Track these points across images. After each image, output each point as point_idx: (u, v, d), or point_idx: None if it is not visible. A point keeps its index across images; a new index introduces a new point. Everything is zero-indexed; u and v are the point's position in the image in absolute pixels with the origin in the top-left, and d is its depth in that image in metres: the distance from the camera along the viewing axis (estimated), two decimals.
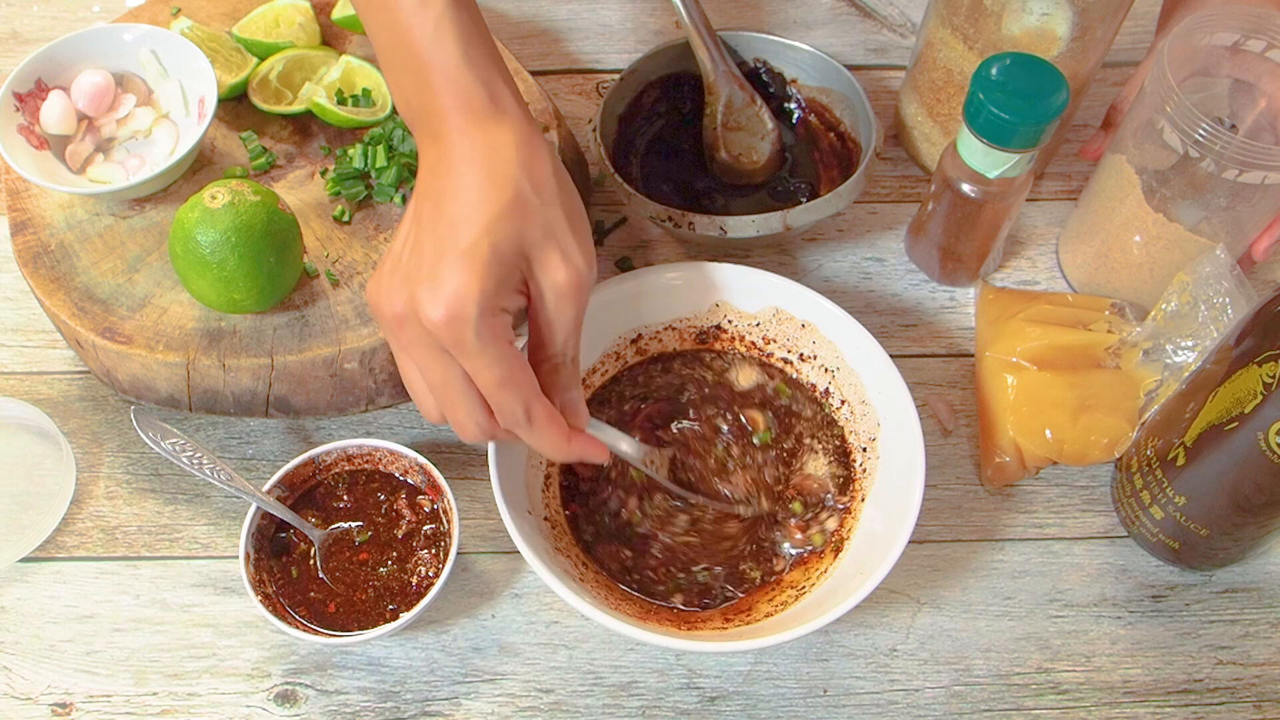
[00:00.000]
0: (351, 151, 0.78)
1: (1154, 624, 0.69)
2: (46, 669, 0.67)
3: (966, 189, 0.73)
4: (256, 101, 0.81)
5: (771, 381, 0.74)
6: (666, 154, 0.86)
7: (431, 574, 0.67)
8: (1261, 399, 0.58)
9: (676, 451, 0.71)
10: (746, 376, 0.74)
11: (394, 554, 0.68)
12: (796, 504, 0.70)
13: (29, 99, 0.76)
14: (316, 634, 0.65)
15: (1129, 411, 0.72)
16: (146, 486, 0.73)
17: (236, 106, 0.82)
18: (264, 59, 0.82)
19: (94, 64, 0.79)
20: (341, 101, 0.80)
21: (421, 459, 0.68)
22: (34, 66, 0.76)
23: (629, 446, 0.67)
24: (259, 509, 0.66)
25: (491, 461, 0.64)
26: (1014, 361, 0.73)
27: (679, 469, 0.71)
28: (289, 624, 0.64)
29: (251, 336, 0.71)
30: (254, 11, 0.83)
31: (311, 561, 0.68)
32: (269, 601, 0.65)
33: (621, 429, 0.70)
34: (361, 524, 0.69)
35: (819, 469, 0.71)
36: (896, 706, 0.66)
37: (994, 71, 0.68)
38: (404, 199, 0.77)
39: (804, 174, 0.85)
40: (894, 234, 0.84)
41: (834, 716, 0.66)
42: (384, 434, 0.75)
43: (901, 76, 0.90)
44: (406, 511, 0.69)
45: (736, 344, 0.75)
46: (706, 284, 0.73)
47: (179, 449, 0.66)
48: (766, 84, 0.86)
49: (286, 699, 0.66)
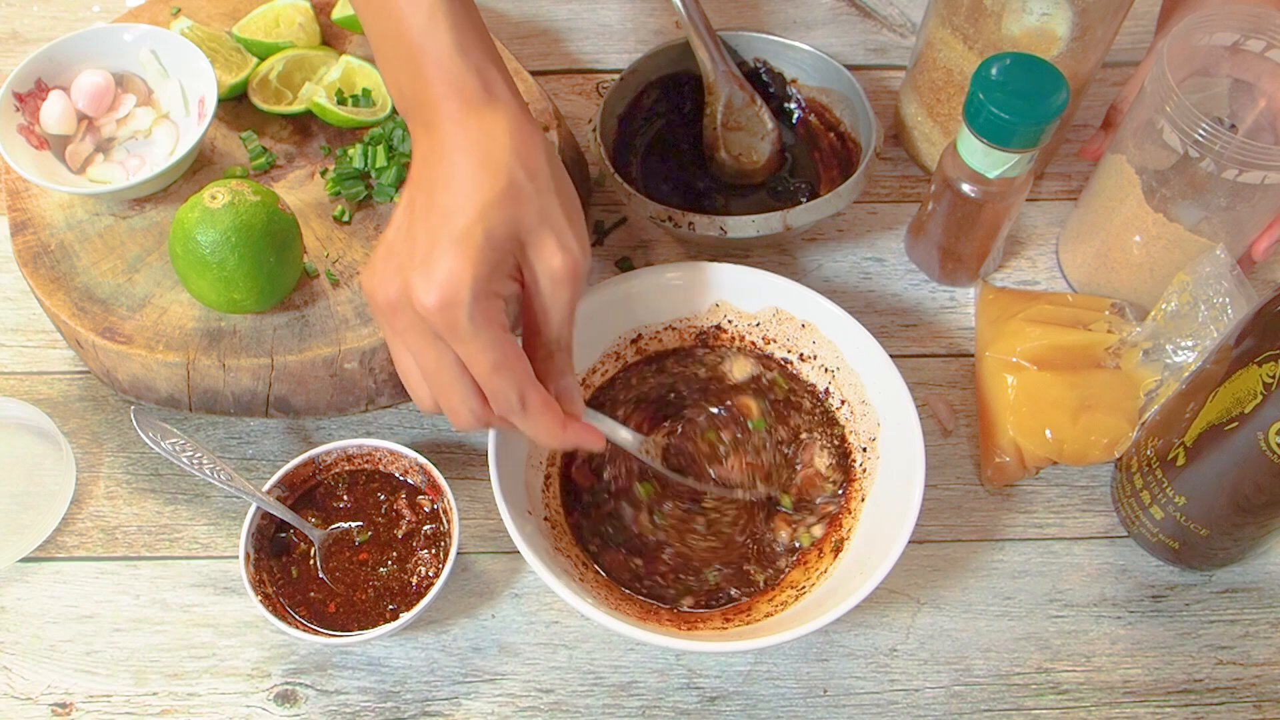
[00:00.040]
0: (351, 151, 0.78)
1: (1154, 624, 0.69)
2: (46, 669, 0.67)
3: (966, 189, 0.73)
4: (256, 101, 0.81)
5: (769, 373, 0.74)
6: (666, 154, 0.86)
7: (431, 574, 0.67)
8: (1261, 399, 0.58)
9: (671, 440, 0.71)
10: (741, 369, 0.74)
11: (394, 554, 0.68)
12: (787, 498, 0.70)
13: (29, 99, 0.76)
14: (316, 634, 0.65)
15: (1129, 411, 0.72)
16: (146, 486, 0.73)
17: (236, 106, 0.82)
18: (264, 59, 0.82)
19: (94, 64, 0.79)
20: (341, 101, 0.80)
21: (421, 459, 0.68)
22: (34, 66, 0.76)
23: (626, 434, 0.67)
24: (259, 509, 0.66)
25: (491, 462, 0.64)
26: (1014, 361, 0.73)
27: (674, 455, 0.71)
28: (289, 624, 0.64)
29: (251, 336, 0.71)
30: (254, 11, 0.83)
31: (311, 561, 0.68)
32: (269, 601, 0.65)
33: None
34: (361, 524, 0.69)
35: (819, 463, 0.71)
36: (896, 706, 0.66)
37: (994, 71, 0.68)
38: None
39: (804, 174, 0.85)
40: (894, 234, 0.84)
41: (834, 716, 0.66)
42: (384, 434, 0.75)
43: (901, 76, 0.90)
44: (406, 511, 0.69)
45: (736, 343, 0.75)
46: (706, 284, 0.73)
47: (179, 449, 0.66)
48: (766, 84, 0.86)
49: (286, 699, 0.66)
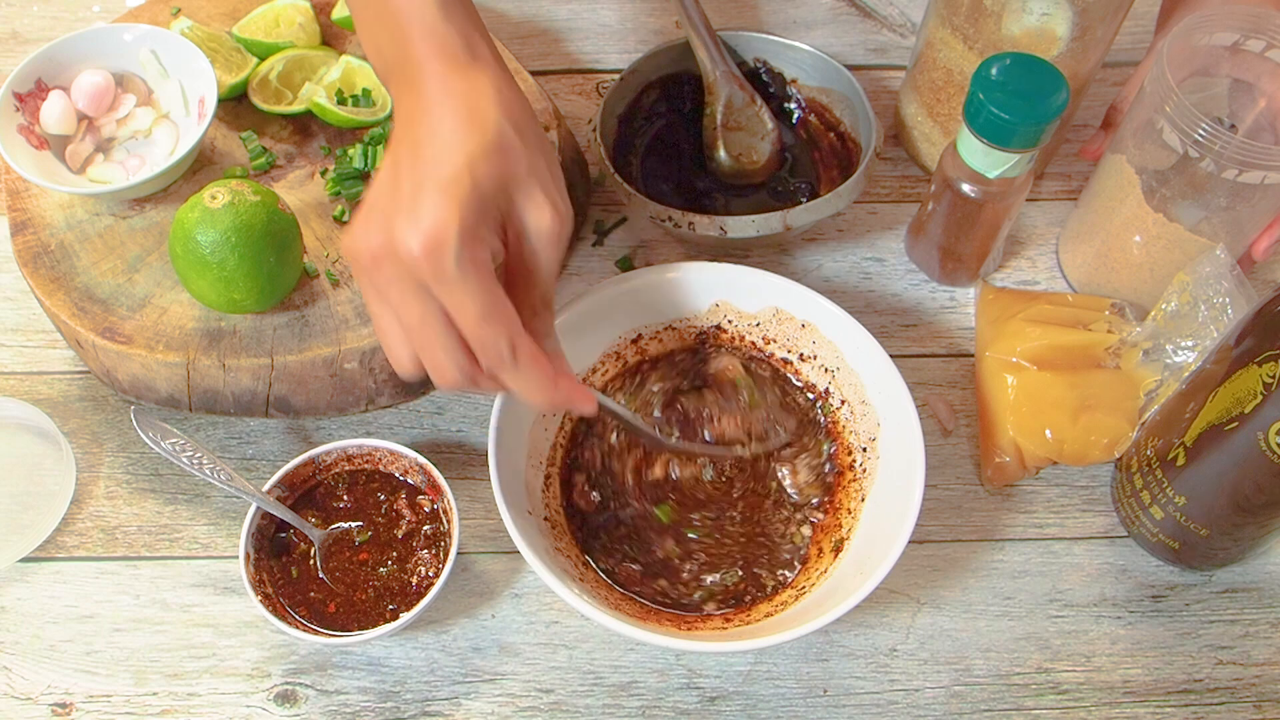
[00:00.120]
0: (351, 151, 0.78)
1: (1154, 624, 0.69)
2: (46, 669, 0.67)
3: (966, 189, 0.73)
4: (256, 101, 0.81)
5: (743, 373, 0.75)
6: (666, 154, 0.86)
7: (431, 574, 0.67)
8: (1261, 399, 0.58)
9: (663, 416, 0.72)
10: (719, 363, 0.75)
11: (394, 554, 0.68)
12: (785, 438, 0.72)
13: (29, 99, 0.76)
14: (316, 634, 0.65)
15: (1129, 411, 0.72)
16: (146, 486, 0.73)
17: (236, 106, 0.82)
18: (264, 59, 0.82)
19: (94, 64, 0.79)
20: (341, 101, 0.80)
21: (421, 459, 0.68)
22: (34, 66, 0.76)
23: (617, 405, 0.67)
24: (259, 509, 0.66)
25: (491, 462, 0.64)
26: (1014, 361, 0.73)
27: (665, 424, 0.72)
28: (289, 624, 0.64)
29: (251, 336, 0.71)
30: (254, 11, 0.83)
31: (311, 561, 0.68)
32: (269, 601, 0.65)
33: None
34: (361, 524, 0.69)
35: (800, 478, 0.71)
36: (896, 706, 0.66)
37: (994, 71, 0.68)
38: None
39: (804, 174, 0.85)
40: (894, 234, 0.84)
41: (834, 716, 0.66)
42: (384, 434, 0.75)
43: (901, 76, 0.90)
44: (406, 511, 0.69)
45: (736, 344, 0.75)
46: (706, 284, 0.73)
47: (179, 449, 0.66)
48: (766, 84, 0.86)
49: (286, 699, 0.66)
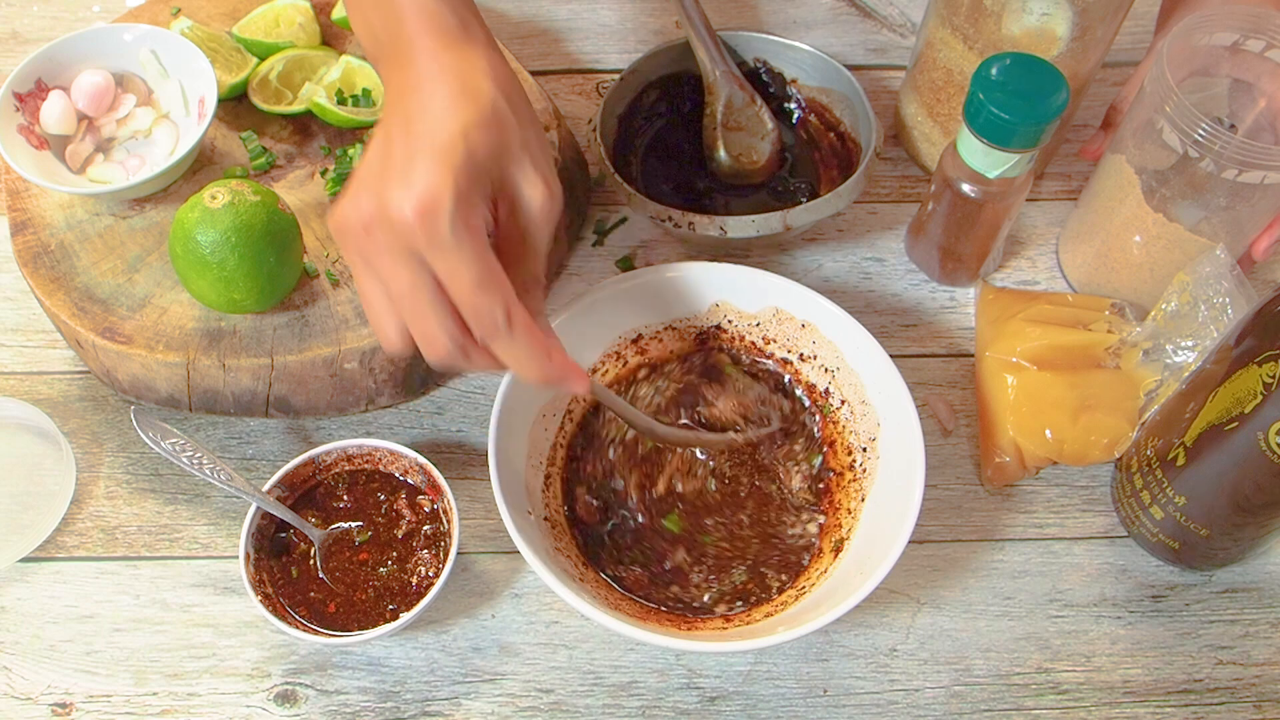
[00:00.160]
0: (351, 151, 0.78)
1: (1154, 624, 0.69)
2: (46, 669, 0.67)
3: (966, 189, 0.73)
4: (256, 101, 0.81)
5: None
6: (666, 154, 0.86)
7: (431, 574, 0.67)
8: (1261, 399, 0.58)
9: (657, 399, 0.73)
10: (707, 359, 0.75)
11: (394, 554, 0.68)
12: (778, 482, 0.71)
13: (29, 99, 0.76)
14: (316, 634, 0.65)
15: (1129, 411, 0.72)
16: (146, 486, 0.73)
17: (236, 106, 0.82)
18: (264, 59, 0.82)
19: (94, 64, 0.79)
20: (341, 101, 0.80)
21: (421, 459, 0.68)
22: (34, 66, 0.76)
23: (609, 391, 0.67)
24: (259, 509, 0.66)
25: (491, 462, 0.64)
26: (1014, 361, 0.73)
27: (661, 413, 0.73)
28: (289, 624, 0.64)
29: (251, 336, 0.71)
30: (254, 11, 0.83)
31: (311, 561, 0.68)
32: (269, 601, 0.65)
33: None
34: (361, 524, 0.69)
35: (793, 484, 0.71)
36: (896, 706, 0.66)
37: (994, 71, 0.68)
38: None
39: (804, 174, 0.85)
40: (894, 234, 0.84)
41: (834, 716, 0.66)
42: (384, 434, 0.75)
43: (901, 76, 0.90)
44: (406, 511, 0.69)
45: (736, 344, 0.75)
46: (706, 284, 0.73)
47: (179, 449, 0.66)
48: (766, 84, 0.86)
49: (286, 699, 0.66)
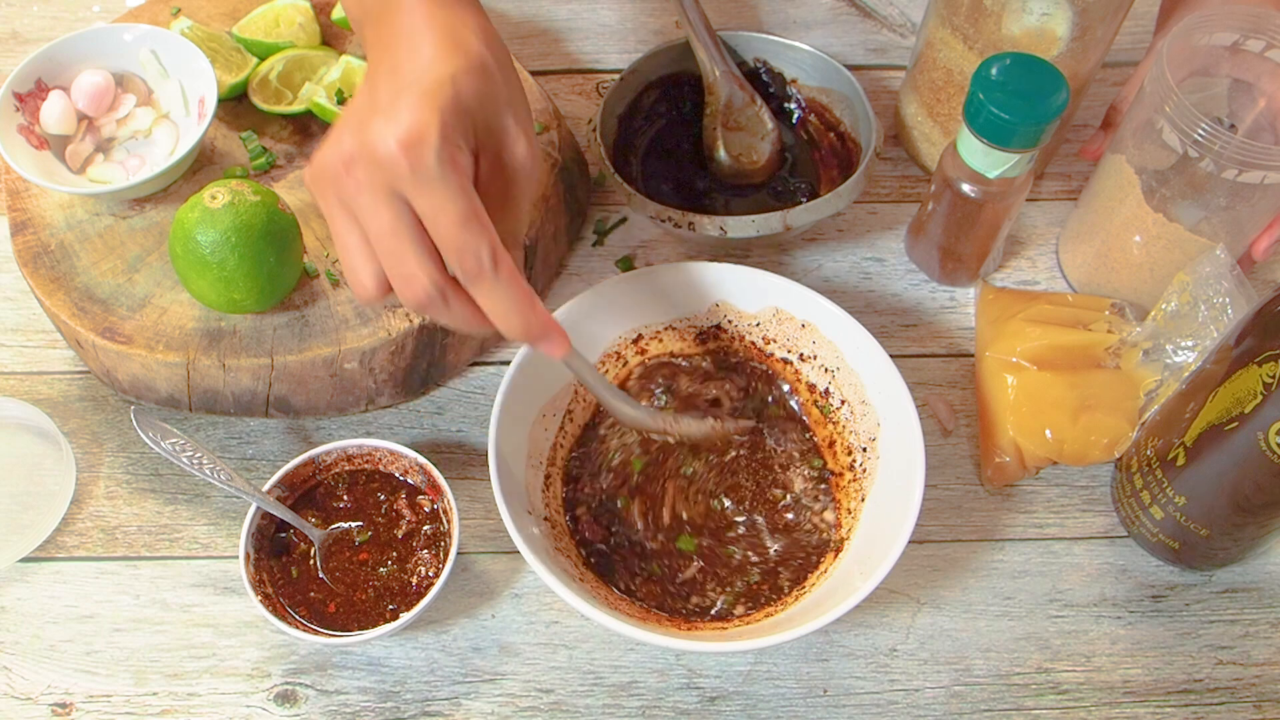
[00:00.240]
0: None
1: (1154, 624, 0.69)
2: (46, 669, 0.67)
3: (966, 189, 0.73)
4: (256, 101, 0.81)
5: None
6: (666, 154, 0.86)
7: (431, 574, 0.67)
8: (1261, 399, 0.58)
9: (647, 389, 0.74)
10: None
11: (394, 554, 0.68)
12: (777, 491, 0.71)
13: (29, 99, 0.76)
14: (316, 634, 0.65)
15: (1129, 411, 0.72)
16: (146, 486, 0.73)
17: (236, 106, 0.82)
18: (264, 59, 0.82)
19: (94, 64, 0.79)
20: (341, 101, 0.80)
21: (421, 459, 0.68)
22: (34, 66, 0.76)
23: (588, 366, 0.65)
24: (259, 509, 0.66)
25: (491, 462, 0.64)
26: (1014, 361, 0.73)
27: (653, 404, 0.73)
28: (289, 624, 0.64)
29: (251, 336, 0.71)
30: (254, 11, 0.83)
31: (311, 561, 0.68)
32: (269, 601, 0.65)
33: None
34: (361, 524, 0.69)
35: (796, 487, 0.71)
36: (896, 706, 0.66)
37: (994, 71, 0.68)
38: None
39: (804, 174, 0.85)
40: (894, 234, 0.84)
41: (834, 716, 0.66)
42: (384, 434, 0.75)
43: (901, 76, 0.90)
44: (406, 511, 0.69)
45: (736, 344, 0.75)
46: (706, 284, 0.73)
47: (179, 449, 0.66)
48: (766, 84, 0.86)
49: (286, 699, 0.66)
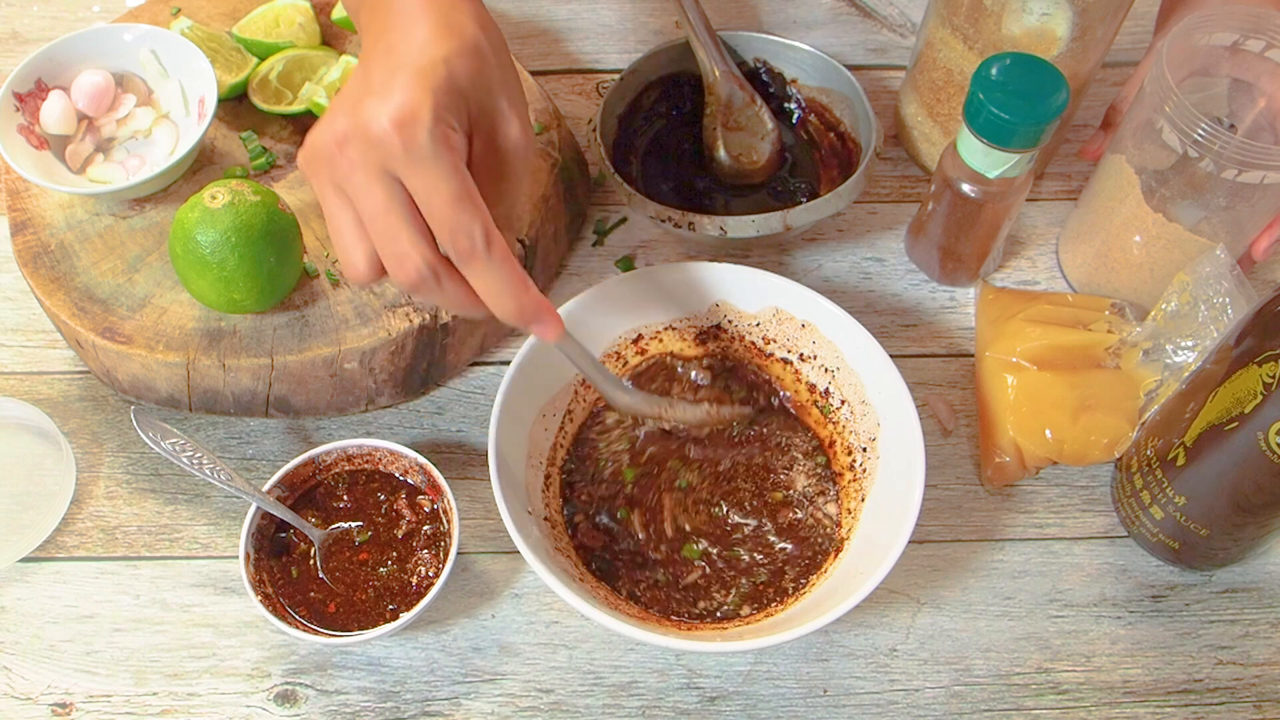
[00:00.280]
0: None
1: (1154, 624, 0.69)
2: (46, 669, 0.67)
3: (966, 189, 0.73)
4: (256, 101, 0.81)
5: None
6: (666, 154, 0.86)
7: (431, 574, 0.67)
8: (1261, 399, 0.58)
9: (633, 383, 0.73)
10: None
11: (394, 554, 0.68)
12: (778, 493, 0.71)
13: (29, 99, 0.76)
14: (316, 634, 0.65)
15: (1129, 411, 0.72)
16: (146, 486, 0.73)
17: (236, 106, 0.82)
18: (264, 59, 0.82)
19: (94, 64, 0.79)
20: None
21: (421, 459, 0.68)
22: (34, 66, 0.76)
23: (582, 349, 0.65)
24: (259, 509, 0.66)
25: (491, 462, 0.64)
26: (1014, 361, 0.73)
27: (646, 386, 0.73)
28: (289, 624, 0.64)
29: (251, 336, 0.71)
30: (254, 11, 0.83)
31: (311, 561, 0.68)
32: (269, 601, 0.65)
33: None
34: (361, 524, 0.69)
35: (799, 485, 0.71)
36: (896, 706, 0.66)
37: (994, 71, 0.68)
38: None
39: (804, 174, 0.85)
40: (894, 234, 0.84)
41: (834, 716, 0.66)
42: (384, 434, 0.75)
43: (901, 76, 0.90)
44: (406, 511, 0.69)
45: (736, 344, 0.75)
46: (706, 284, 0.73)
47: (179, 449, 0.66)
48: (766, 84, 0.86)
49: (286, 699, 0.66)
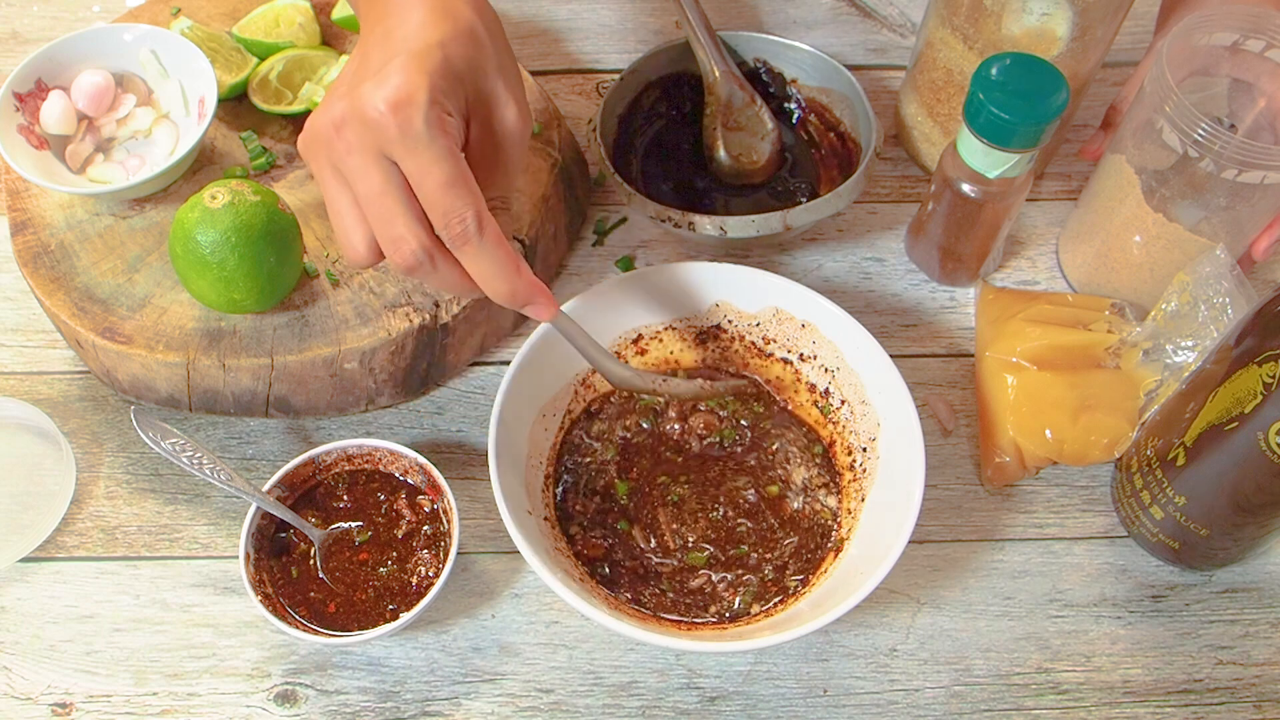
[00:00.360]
0: None
1: (1154, 624, 0.69)
2: (46, 669, 0.67)
3: (966, 189, 0.73)
4: (256, 101, 0.81)
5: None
6: (666, 154, 0.86)
7: (431, 574, 0.67)
8: (1261, 399, 0.58)
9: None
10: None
11: (394, 554, 0.68)
12: (774, 487, 0.71)
13: (29, 99, 0.76)
14: (316, 634, 0.65)
15: (1129, 411, 0.72)
16: (146, 486, 0.73)
17: (236, 106, 0.82)
18: (264, 59, 0.82)
19: (94, 64, 0.79)
20: None
21: (421, 459, 0.68)
22: (34, 66, 0.76)
23: (577, 325, 0.65)
24: (259, 509, 0.66)
25: (491, 462, 0.64)
26: (1014, 361, 0.73)
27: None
28: (289, 624, 0.64)
29: (251, 336, 0.71)
30: (254, 11, 0.83)
31: (311, 561, 0.68)
32: (269, 601, 0.65)
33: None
34: (361, 524, 0.69)
35: (796, 476, 0.71)
36: (896, 706, 0.66)
37: (994, 71, 0.68)
38: None
39: (804, 174, 0.85)
40: (894, 234, 0.84)
41: (834, 716, 0.66)
42: (384, 434, 0.75)
43: (901, 76, 0.90)
44: (406, 511, 0.69)
45: (736, 344, 0.75)
46: (706, 284, 0.73)
47: (179, 449, 0.66)
48: (766, 84, 0.86)
49: (286, 699, 0.66)
